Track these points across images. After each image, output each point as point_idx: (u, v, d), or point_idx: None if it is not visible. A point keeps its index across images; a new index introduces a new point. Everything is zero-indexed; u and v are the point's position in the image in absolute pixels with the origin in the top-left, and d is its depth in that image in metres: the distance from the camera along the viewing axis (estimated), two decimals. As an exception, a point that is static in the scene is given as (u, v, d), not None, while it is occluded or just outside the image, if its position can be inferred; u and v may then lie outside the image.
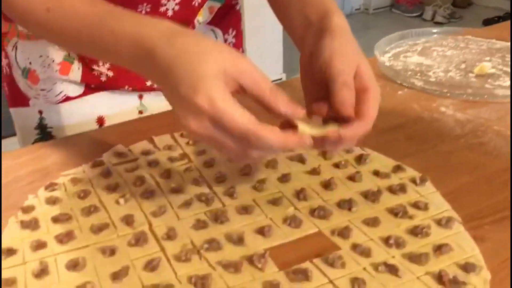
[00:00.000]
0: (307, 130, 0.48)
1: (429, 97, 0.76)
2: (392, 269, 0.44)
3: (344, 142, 0.50)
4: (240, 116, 0.45)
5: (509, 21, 1.04)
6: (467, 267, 0.44)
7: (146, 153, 0.64)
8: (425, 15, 3.96)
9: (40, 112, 0.80)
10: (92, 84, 0.79)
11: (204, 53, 0.46)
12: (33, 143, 0.81)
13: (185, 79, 0.46)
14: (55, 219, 0.52)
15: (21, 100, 0.81)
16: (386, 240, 0.48)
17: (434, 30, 0.98)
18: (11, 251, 0.48)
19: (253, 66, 0.47)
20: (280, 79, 2.65)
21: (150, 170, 0.60)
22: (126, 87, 0.79)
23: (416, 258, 0.45)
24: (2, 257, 0.48)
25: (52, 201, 0.55)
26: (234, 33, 0.88)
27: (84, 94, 0.79)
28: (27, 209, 0.54)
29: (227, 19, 0.86)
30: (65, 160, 0.63)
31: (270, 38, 2.57)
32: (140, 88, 0.81)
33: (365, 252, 0.46)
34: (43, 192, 0.57)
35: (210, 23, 0.84)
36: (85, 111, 0.80)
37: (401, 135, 0.67)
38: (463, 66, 0.86)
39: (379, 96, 0.52)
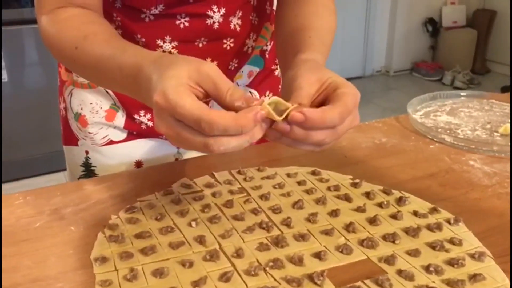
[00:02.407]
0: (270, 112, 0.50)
1: (458, 152, 0.85)
2: (434, 291, 0.52)
3: (310, 124, 0.50)
4: (189, 105, 0.47)
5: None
6: (499, 293, 0.51)
7: (209, 186, 0.73)
8: (444, 79, 4.10)
9: (87, 152, 0.88)
10: (134, 131, 0.87)
11: (173, 63, 0.51)
12: (78, 178, 0.90)
13: (154, 85, 0.50)
14: (138, 236, 0.60)
15: (72, 139, 0.90)
16: (426, 268, 0.55)
17: (462, 93, 1.08)
18: (104, 259, 0.56)
19: (215, 71, 0.50)
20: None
21: (214, 200, 0.69)
22: (164, 136, 0.87)
23: (454, 284, 0.52)
24: (97, 263, 0.56)
25: (133, 222, 0.64)
26: (271, 95, 0.94)
27: (126, 139, 0.87)
28: (112, 227, 0.63)
29: (266, 82, 0.93)
30: (139, 188, 0.72)
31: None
32: None
33: (409, 277, 0.54)
34: (123, 213, 0.66)
35: (248, 85, 0.92)
36: (125, 154, 0.88)
37: (434, 182, 0.75)
38: (488, 126, 0.95)
39: (356, 92, 0.53)
